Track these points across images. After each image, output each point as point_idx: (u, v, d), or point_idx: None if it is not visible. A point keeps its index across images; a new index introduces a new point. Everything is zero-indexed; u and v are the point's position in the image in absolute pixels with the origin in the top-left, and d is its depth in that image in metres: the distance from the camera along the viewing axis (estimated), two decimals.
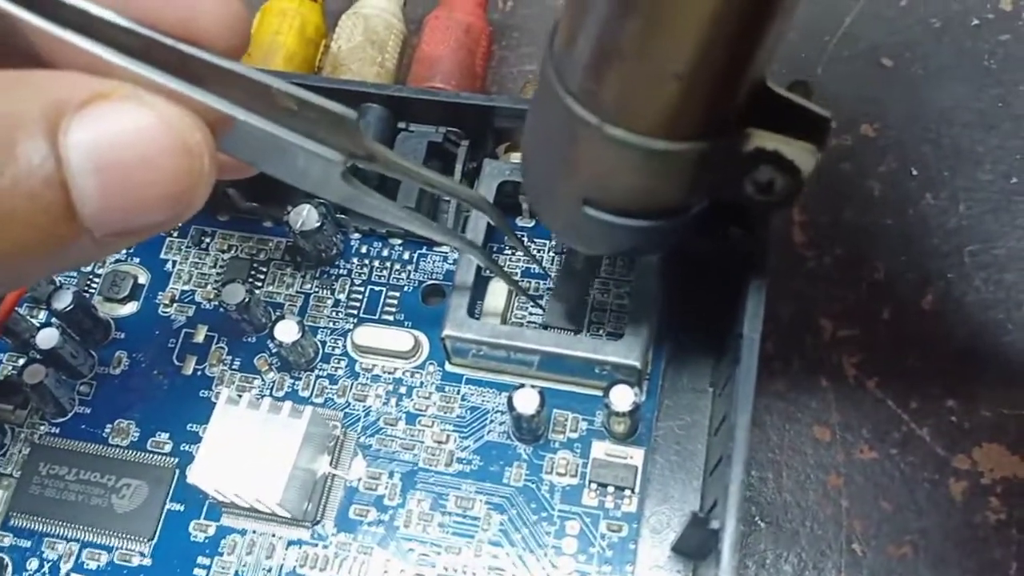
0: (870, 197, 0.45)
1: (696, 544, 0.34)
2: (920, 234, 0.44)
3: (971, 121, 0.47)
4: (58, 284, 0.42)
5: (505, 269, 0.41)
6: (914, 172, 0.45)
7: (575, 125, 0.26)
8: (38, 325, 0.41)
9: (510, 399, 0.36)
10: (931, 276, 0.43)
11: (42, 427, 0.40)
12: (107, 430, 0.40)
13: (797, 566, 0.38)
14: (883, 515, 0.39)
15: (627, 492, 0.37)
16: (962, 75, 0.48)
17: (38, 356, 0.39)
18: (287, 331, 0.38)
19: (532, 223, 0.42)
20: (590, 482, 0.37)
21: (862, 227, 0.44)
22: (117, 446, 0.40)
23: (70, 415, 0.41)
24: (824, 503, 0.39)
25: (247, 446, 0.35)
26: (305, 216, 0.40)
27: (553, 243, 0.42)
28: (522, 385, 0.36)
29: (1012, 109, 0.47)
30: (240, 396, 0.37)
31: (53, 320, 0.41)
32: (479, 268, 0.38)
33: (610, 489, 0.37)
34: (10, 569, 0.38)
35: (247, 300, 0.39)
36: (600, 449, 0.37)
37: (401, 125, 0.41)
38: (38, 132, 0.21)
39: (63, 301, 0.40)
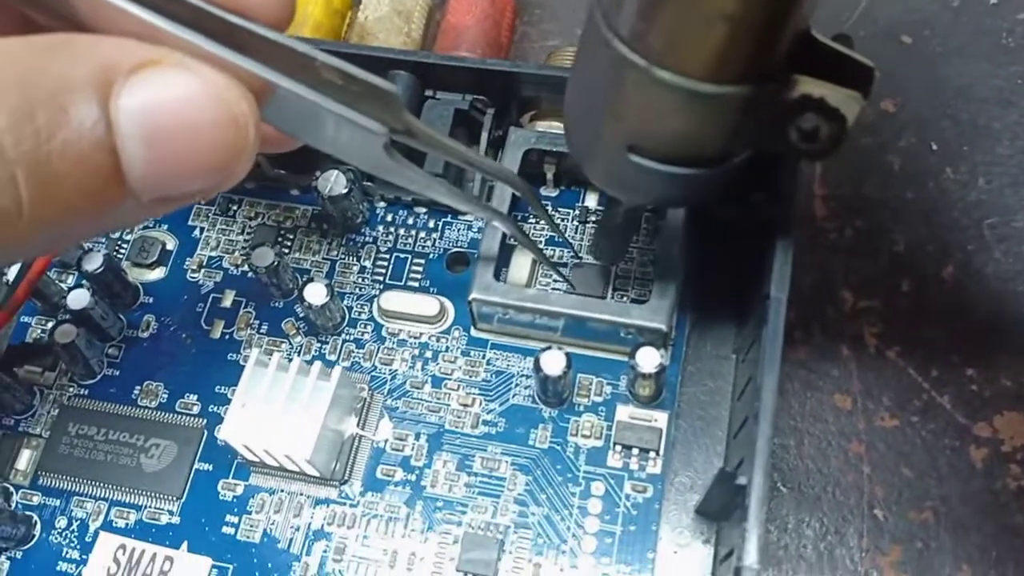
0: (890, 171, 0.46)
1: (720, 504, 0.34)
2: (940, 207, 0.44)
3: (989, 97, 0.47)
4: (88, 248, 0.42)
5: (530, 238, 0.41)
6: (934, 147, 0.46)
7: (623, 68, 0.27)
8: (67, 288, 0.42)
9: (536, 360, 0.36)
10: (951, 248, 0.43)
11: (71, 389, 0.41)
12: (136, 392, 0.41)
13: (819, 531, 0.38)
14: (904, 481, 0.39)
15: (651, 454, 0.37)
16: (980, 53, 0.49)
17: (68, 317, 0.40)
18: (316, 293, 0.39)
19: (556, 192, 0.43)
20: (615, 444, 0.37)
21: (883, 200, 0.45)
22: (146, 407, 0.40)
23: (99, 377, 0.41)
24: (846, 469, 0.39)
25: (276, 404, 0.36)
26: (333, 181, 0.40)
27: (577, 213, 0.42)
28: (549, 347, 0.36)
29: None
30: (269, 357, 0.37)
31: (83, 283, 0.41)
32: (504, 238, 0.39)
33: (635, 451, 0.37)
34: (39, 527, 0.38)
35: (276, 263, 0.40)
36: (625, 412, 0.38)
37: (428, 93, 0.41)
38: (90, 95, 0.22)
39: (94, 263, 0.40)
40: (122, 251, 0.44)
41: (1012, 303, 0.42)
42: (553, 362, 0.36)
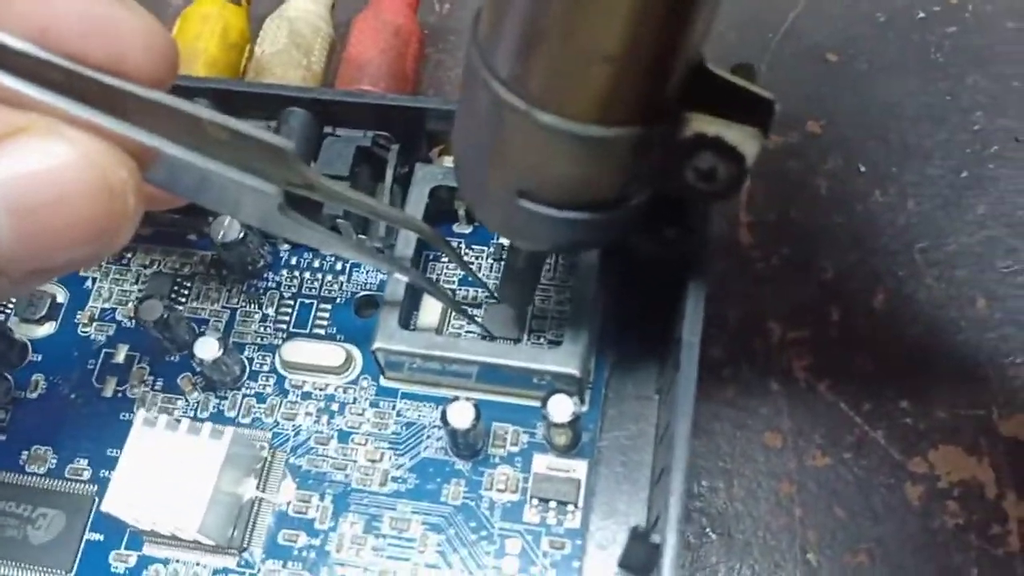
0: (817, 195, 0.44)
1: (642, 559, 0.32)
2: (869, 232, 0.43)
3: (919, 115, 0.46)
4: None
5: (440, 281, 0.39)
6: (862, 169, 0.44)
7: (503, 112, 0.25)
8: None
9: (443, 413, 0.34)
10: (881, 275, 0.42)
11: None
12: (23, 457, 0.38)
13: None
14: (838, 523, 0.37)
15: (570, 507, 0.35)
16: (909, 69, 0.47)
17: None
18: (207, 348, 0.36)
19: (469, 229, 0.40)
20: (531, 498, 0.35)
21: (810, 226, 0.43)
22: (34, 474, 0.38)
23: None
24: (777, 512, 0.37)
25: (164, 470, 0.33)
26: (227, 226, 0.38)
27: (491, 251, 0.40)
28: (456, 398, 0.34)
29: (960, 102, 0.46)
30: (156, 418, 0.35)
31: None
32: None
33: (552, 504, 0.35)
34: None
35: (166, 316, 0.37)
36: (542, 463, 0.36)
37: (328, 130, 0.39)
38: None
39: None
40: (9, 306, 0.41)
41: (945, 331, 0.40)
42: (461, 414, 0.34)
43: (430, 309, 0.38)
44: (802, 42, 0.49)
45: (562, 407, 0.33)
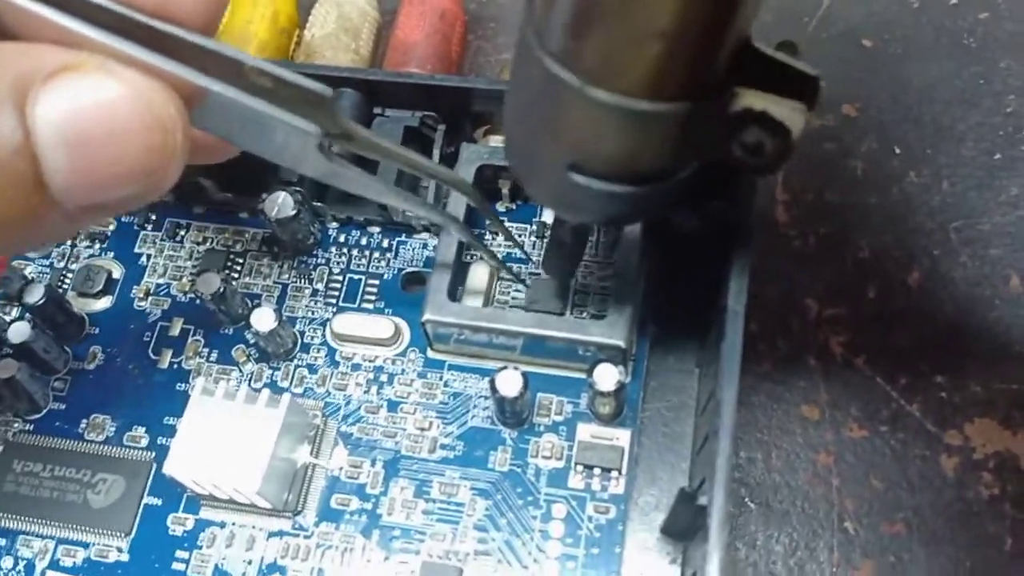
0: (853, 176, 0.45)
1: (685, 523, 0.33)
2: (904, 212, 0.44)
3: (952, 99, 0.46)
4: (30, 279, 0.41)
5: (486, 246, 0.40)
6: (897, 151, 0.45)
7: (557, 88, 0.26)
8: (8, 322, 0.40)
9: (492, 381, 0.35)
10: (916, 253, 0.42)
11: (16, 425, 0.40)
12: (83, 425, 0.39)
13: (788, 546, 0.37)
14: (875, 493, 0.38)
15: (614, 474, 0.36)
16: (942, 54, 0.48)
17: (9, 351, 0.38)
18: (264, 319, 0.37)
19: (514, 206, 0.42)
20: (576, 464, 0.36)
21: (846, 206, 0.44)
22: (92, 441, 0.39)
23: (44, 412, 0.40)
24: (815, 482, 0.38)
25: (224, 436, 0.35)
26: (280, 203, 0.39)
27: (534, 227, 0.41)
28: (504, 367, 0.35)
29: (992, 86, 0.46)
30: (216, 386, 0.36)
31: (26, 316, 0.40)
32: (460, 249, 0.38)
33: (596, 471, 0.36)
34: None
35: (222, 290, 0.39)
36: (586, 431, 0.37)
37: (377, 111, 0.40)
38: (6, 104, 0.21)
39: (35, 295, 0.39)
40: (67, 281, 0.42)
41: (979, 308, 0.41)
42: (509, 382, 0.35)
43: (477, 281, 0.39)
44: (837, 27, 0.49)
45: (608, 375, 0.35)
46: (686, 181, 0.29)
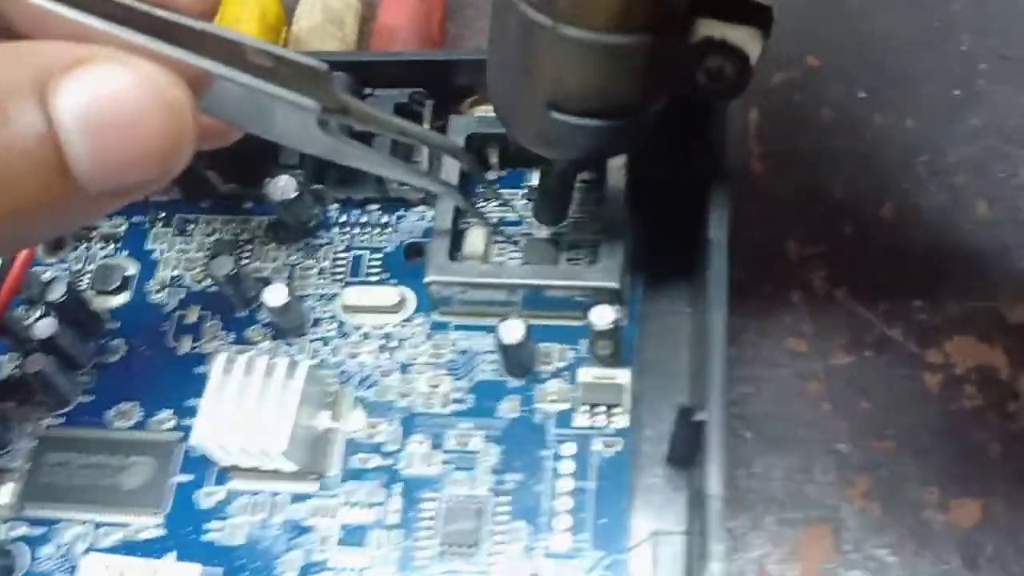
0: (822, 123, 0.47)
1: (687, 446, 0.35)
2: (873, 151, 0.46)
3: (911, 43, 0.49)
4: (50, 280, 0.43)
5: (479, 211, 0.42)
6: (861, 95, 0.47)
7: (532, 30, 0.28)
8: (34, 319, 0.42)
9: (496, 331, 0.37)
10: (888, 188, 0.45)
11: (47, 419, 0.42)
12: (110, 415, 0.41)
13: (786, 471, 0.39)
14: (864, 414, 0.40)
15: (617, 410, 0.38)
16: (898, 3, 0.50)
17: (36, 347, 0.40)
18: (277, 294, 0.39)
19: (504, 173, 0.44)
20: (581, 404, 0.38)
21: (818, 152, 0.46)
22: (121, 428, 0.41)
23: (73, 405, 0.42)
24: (806, 409, 0.40)
25: (247, 404, 0.37)
26: (283, 186, 0.41)
27: (524, 191, 0.43)
28: (506, 317, 0.37)
29: (947, 28, 0.49)
30: (235, 359, 0.38)
31: (49, 313, 0.42)
32: (456, 215, 0.40)
33: (601, 408, 0.38)
34: (29, 555, 0.39)
35: (235, 271, 0.41)
36: (587, 374, 0.39)
37: (367, 92, 0.42)
38: (28, 95, 0.23)
39: (57, 292, 0.41)
40: (84, 281, 0.45)
41: (950, 234, 0.43)
42: (512, 330, 0.37)
43: (473, 246, 0.41)
44: None
45: (604, 314, 0.37)
46: (659, 113, 0.32)
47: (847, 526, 0.38)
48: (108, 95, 0.24)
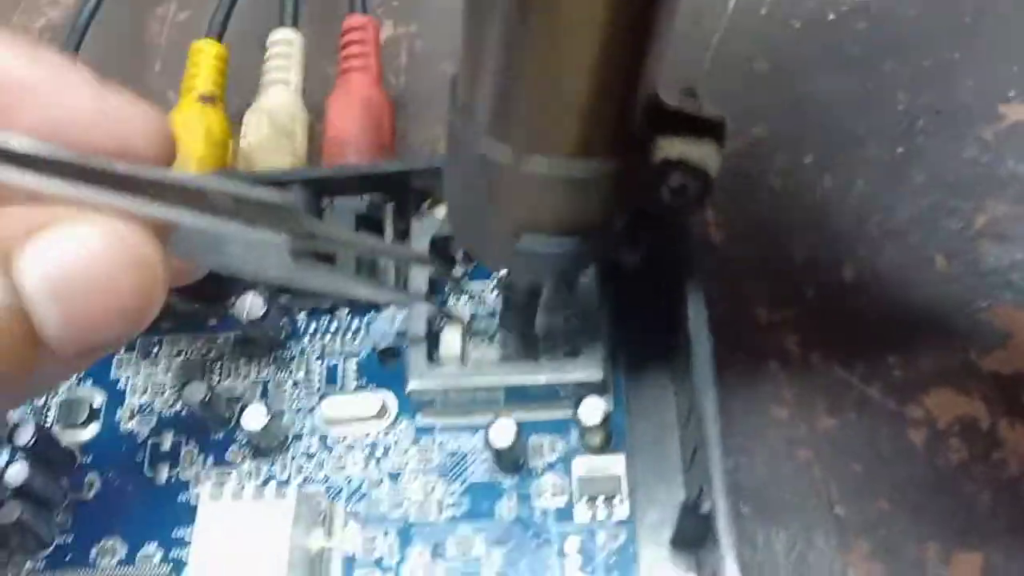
0: (773, 190, 0.48)
1: (692, 534, 0.35)
2: (824, 216, 0.47)
3: (849, 105, 0.50)
4: (16, 422, 0.42)
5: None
6: (807, 160, 0.48)
7: (492, 165, 0.28)
8: (2, 464, 0.41)
9: (486, 435, 0.37)
10: (845, 250, 0.46)
11: (27, 564, 0.40)
12: (93, 553, 0.40)
13: (787, 541, 0.39)
14: (855, 476, 0.40)
15: (616, 499, 0.38)
16: (831, 66, 0.52)
17: (9, 494, 0.39)
18: (255, 416, 0.39)
19: (471, 267, 0.44)
20: (579, 498, 0.38)
21: (775, 219, 0.47)
22: (106, 567, 0.39)
23: (52, 547, 0.40)
24: (798, 475, 0.41)
25: (238, 538, 0.36)
26: (250, 305, 0.41)
27: (493, 284, 0.43)
28: (495, 420, 0.37)
29: (881, 88, 0.50)
30: (221, 490, 0.37)
31: (18, 457, 0.40)
32: (429, 323, 0.40)
33: (600, 500, 0.38)
34: None
35: (208, 396, 0.40)
36: (581, 465, 0.39)
37: (325, 202, 0.42)
38: None
39: (25, 435, 0.40)
40: (50, 416, 0.43)
41: (912, 290, 0.44)
42: (503, 433, 0.37)
43: (449, 341, 0.40)
44: (731, 59, 0.53)
45: (594, 409, 0.37)
46: (624, 226, 0.32)
47: None
48: (75, 257, 0.23)
